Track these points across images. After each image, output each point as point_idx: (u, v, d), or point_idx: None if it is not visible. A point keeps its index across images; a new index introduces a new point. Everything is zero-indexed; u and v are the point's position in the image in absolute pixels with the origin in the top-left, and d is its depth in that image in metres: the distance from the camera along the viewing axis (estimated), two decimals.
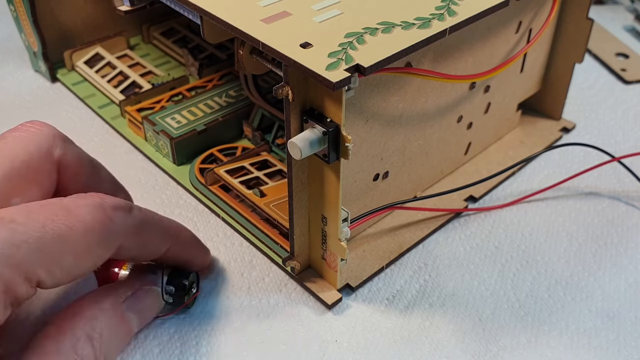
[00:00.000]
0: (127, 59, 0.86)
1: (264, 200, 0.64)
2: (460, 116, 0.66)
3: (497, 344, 0.55)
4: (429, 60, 0.57)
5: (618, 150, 0.75)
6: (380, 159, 0.59)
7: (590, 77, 0.89)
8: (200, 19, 0.57)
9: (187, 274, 0.55)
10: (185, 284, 0.54)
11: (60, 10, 0.82)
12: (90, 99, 0.81)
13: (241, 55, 0.61)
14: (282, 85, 0.48)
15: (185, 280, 0.54)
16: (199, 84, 0.80)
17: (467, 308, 0.58)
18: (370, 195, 0.60)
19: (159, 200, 0.68)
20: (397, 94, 0.56)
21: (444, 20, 0.52)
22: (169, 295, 0.54)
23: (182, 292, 0.54)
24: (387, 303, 0.58)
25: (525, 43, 0.68)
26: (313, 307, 0.57)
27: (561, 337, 0.55)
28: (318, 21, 0.52)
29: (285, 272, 0.60)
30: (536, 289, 0.59)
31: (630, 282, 0.60)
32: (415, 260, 0.62)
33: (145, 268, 0.55)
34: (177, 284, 0.54)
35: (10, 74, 0.86)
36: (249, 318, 0.56)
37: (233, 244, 0.63)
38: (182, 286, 0.54)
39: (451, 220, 0.66)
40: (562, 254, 0.63)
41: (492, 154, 0.74)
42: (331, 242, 0.55)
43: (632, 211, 0.68)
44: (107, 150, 0.74)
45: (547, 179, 0.71)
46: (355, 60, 0.46)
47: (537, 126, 0.78)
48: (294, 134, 0.50)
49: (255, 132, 0.73)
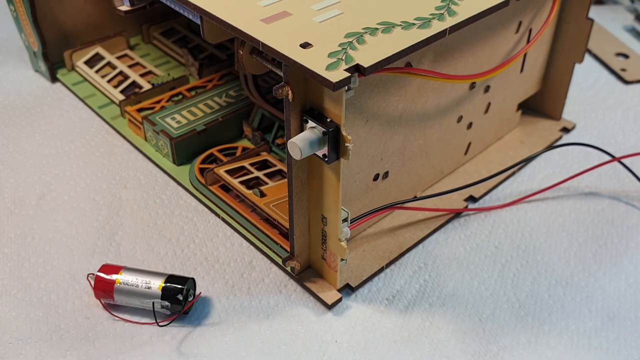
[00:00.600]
0: (127, 59, 0.86)
1: (264, 200, 0.64)
2: (460, 116, 0.66)
3: (497, 344, 0.55)
4: (429, 60, 0.57)
5: (618, 150, 0.75)
6: (380, 159, 0.59)
7: (590, 77, 0.89)
8: (200, 19, 0.57)
9: (183, 283, 0.55)
10: (179, 298, 0.54)
11: (60, 10, 0.82)
12: (90, 99, 0.81)
13: (241, 55, 0.61)
14: (282, 85, 0.48)
15: (180, 295, 0.54)
16: (199, 84, 0.80)
17: (467, 308, 0.58)
18: (370, 195, 0.60)
19: (159, 200, 0.68)
20: (397, 94, 0.56)
21: (444, 20, 0.52)
22: (166, 308, 0.54)
23: (178, 304, 0.54)
24: (387, 303, 0.58)
25: (525, 43, 0.68)
26: (313, 308, 0.57)
27: (561, 337, 0.55)
28: (318, 21, 0.52)
29: (285, 272, 0.60)
30: (536, 289, 0.59)
31: (630, 282, 0.60)
32: (415, 260, 0.62)
33: (139, 274, 0.55)
34: (172, 298, 0.54)
35: (10, 74, 0.86)
36: (249, 318, 0.56)
37: (233, 244, 0.63)
38: (177, 300, 0.54)
39: (451, 220, 0.66)
40: (562, 254, 0.63)
41: (492, 154, 0.74)
42: (331, 242, 0.55)
43: (632, 211, 0.68)
44: (107, 150, 0.74)
45: (547, 179, 0.71)
46: (355, 60, 0.46)
47: (537, 126, 0.78)
48: (294, 134, 0.50)
49: (255, 132, 0.73)
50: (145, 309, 0.55)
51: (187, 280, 0.55)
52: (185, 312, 0.56)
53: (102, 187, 0.69)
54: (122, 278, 0.55)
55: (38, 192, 0.68)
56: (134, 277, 0.55)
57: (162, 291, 0.54)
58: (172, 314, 0.55)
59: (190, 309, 0.56)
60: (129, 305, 0.56)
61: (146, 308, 0.55)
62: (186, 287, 0.55)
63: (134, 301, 0.55)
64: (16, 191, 0.69)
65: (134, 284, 0.55)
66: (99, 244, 0.63)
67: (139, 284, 0.54)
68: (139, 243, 0.63)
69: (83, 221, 0.65)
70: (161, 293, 0.54)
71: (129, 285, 0.55)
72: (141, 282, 0.55)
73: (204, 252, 0.62)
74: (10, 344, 0.54)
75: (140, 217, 0.66)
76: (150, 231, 0.64)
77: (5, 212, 0.66)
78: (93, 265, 0.60)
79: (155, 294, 0.54)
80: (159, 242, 0.63)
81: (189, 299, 0.56)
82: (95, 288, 0.56)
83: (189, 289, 0.56)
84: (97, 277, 0.55)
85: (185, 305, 0.55)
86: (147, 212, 0.66)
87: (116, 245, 0.63)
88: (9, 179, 0.70)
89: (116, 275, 0.55)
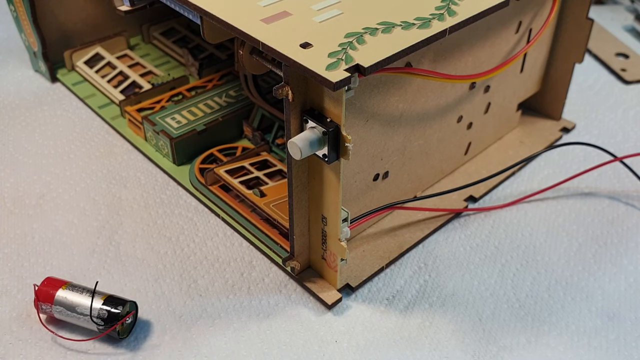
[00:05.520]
0: (127, 59, 0.86)
1: (264, 200, 0.64)
2: (460, 116, 0.66)
3: (497, 344, 0.55)
4: (429, 60, 0.57)
5: (618, 150, 0.75)
6: (380, 159, 0.59)
7: (590, 77, 0.89)
8: (200, 19, 0.57)
9: (123, 303, 0.54)
10: (117, 312, 0.53)
11: (60, 10, 0.82)
12: (90, 99, 0.81)
13: (241, 55, 0.61)
14: (282, 85, 0.48)
15: (118, 309, 0.53)
16: (199, 84, 0.80)
17: (467, 308, 0.58)
18: (370, 195, 0.60)
19: (159, 200, 0.68)
20: (397, 94, 0.56)
21: (444, 20, 0.52)
22: (100, 322, 0.53)
23: (113, 320, 0.53)
24: (387, 303, 0.58)
25: (525, 43, 0.68)
26: (313, 308, 0.57)
27: (561, 337, 0.55)
28: (318, 21, 0.52)
29: (285, 272, 0.60)
30: (536, 289, 0.59)
31: (630, 282, 0.60)
32: (415, 260, 0.62)
33: (81, 290, 0.54)
34: (110, 314, 0.53)
35: (10, 74, 0.86)
36: (249, 318, 0.56)
37: (233, 244, 0.63)
38: (115, 315, 0.53)
39: (451, 220, 0.66)
40: (562, 254, 0.63)
41: (492, 154, 0.74)
42: (331, 242, 0.55)
43: (632, 211, 0.68)
44: (107, 150, 0.74)
45: (547, 179, 0.71)
46: (355, 60, 0.46)
47: (537, 126, 0.78)
48: (294, 134, 0.50)
49: (255, 132, 0.73)
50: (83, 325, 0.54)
51: (128, 302, 0.54)
52: (120, 335, 0.54)
53: (102, 186, 0.69)
54: (67, 288, 0.54)
55: (38, 192, 0.68)
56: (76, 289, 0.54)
57: (104, 302, 0.53)
58: (105, 328, 0.53)
59: (128, 333, 0.55)
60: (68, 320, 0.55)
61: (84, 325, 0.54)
62: (123, 310, 0.53)
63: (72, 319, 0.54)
64: (16, 191, 0.69)
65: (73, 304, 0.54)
66: (98, 243, 0.63)
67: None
68: (139, 242, 0.63)
69: (83, 221, 0.65)
70: (101, 304, 0.53)
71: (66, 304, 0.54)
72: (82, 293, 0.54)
73: (204, 252, 0.62)
74: (10, 344, 0.54)
75: (140, 217, 0.66)
76: (150, 230, 0.64)
77: (5, 212, 0.66)
78: (93, 265, 0.60)
79: None
80: (159, 241, 0.63)
81: (126, 320, 0.54)
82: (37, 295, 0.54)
83: (129, 310, 0.54)
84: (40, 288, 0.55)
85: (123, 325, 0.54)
86: (147, 211, 0.66)
87: (116, 244, 0.63)
88: (9, 179, 0.70)
89: (56, 290, 0.54)
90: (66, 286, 0.54)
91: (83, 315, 0.53)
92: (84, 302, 0.53)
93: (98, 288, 0.55)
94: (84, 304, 0.53)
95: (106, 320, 0.53)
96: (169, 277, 0.60)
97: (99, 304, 0.53)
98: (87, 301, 0.53)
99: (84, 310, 0.53)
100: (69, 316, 0.54)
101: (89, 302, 0.53)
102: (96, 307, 0.53)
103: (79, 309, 0.53)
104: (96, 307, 0.53)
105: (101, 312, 0.53)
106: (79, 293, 0.54)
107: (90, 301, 0.53)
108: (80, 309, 0.53)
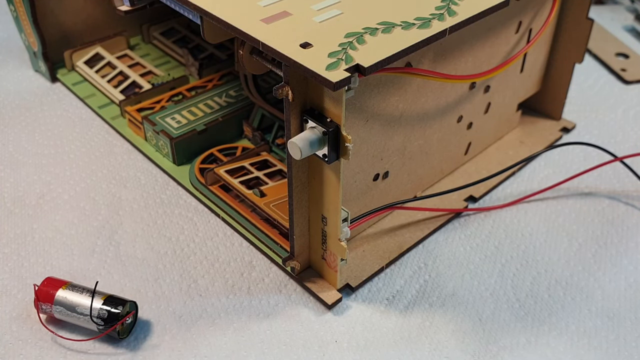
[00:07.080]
0: (127, 59, 0.86)
1: (264, 200, 0.64)
2: (460, 116, 0.66)
3: (497, 344, 0.55)
4: (429, 60, 0.57)
5: (618, 150, 0.75)
6: (380, 159, 0.59)
7: (590, 77, 0.89)
8: (200, 19, 0.57)
9: (123, 303, 0.53)
10: (117, 312, 0.53)
11: (60, 10, 0.82)
12: (90, 99, 0.81)
13: (241, 55, 0.61)
14: (282, 85, 0.48)
15: (118, 309, 0.53)
16: (199, 84, 0.80)
17: (467, 308, 0.58)
18: (370, 195, 0.60)
19: (159, 200, 0.68)
20: (397, 94, 0.56)
21: (444, 20, 0.52)
22: (100, 322, 0.53)
23: (113, 320, 0.53)
24: (387, 303, 0.58)
25: (525, 43, 0.68)
26: (313, 308, 0.57)
27: (561, 337, 0.55)
28: (318, 21, 0.52)
29: (285, 272, 0.60)
30: (536, 289, 0.59)
31: (630, 282, 0.60)
32: (415, 260, 0.62)
33: (81, 290, 0.54)
34: (110, 314, 0.53)
35: (10, 74, 0.86)
36: (249, 318, 0.56)
37: (233, 244, 0.63)
38: (115, 315, 0.53)
39: (451, 220, 0.66)
40: (562, 254, 0.63)
41: (492, 154, 0.74)
42: (331, 242, 0.55)
43: (632, 211, 0.68)
44: (107, 150, 0.74)
45: (547, 179, 0.71)
46: (355, 60, 0.46)
47: (537, 126, 0.78)
48: (294, 134, 0.50)
49: (255, 132, 0.73)
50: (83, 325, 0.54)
51: (128, 302, 0.54)
52: (120, 335, 0.54)
53: (102, 186, 0.69)
54: (67, 288, 0.54)
55: (38, 192, 0.68)
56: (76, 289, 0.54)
57: (103, 303, 0.53)
58: (105, 328, 0.53)
59: (128, 333, 0.55)
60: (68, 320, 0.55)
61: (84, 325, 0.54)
62: (123, 310, 0.53)
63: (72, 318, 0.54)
64: (16, 191, 0.69)
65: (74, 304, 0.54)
66: (98, 243, 0.63)
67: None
68: (139, 242, 0.63)
69: (83, 221, 0.65)
70: (101, 304, 0.53)
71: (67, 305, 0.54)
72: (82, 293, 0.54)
73: (204, 252, 0.62)
74: (11, 344, 0.54)
75: (140, 217, 0.66)
76: (150, 230, 0.64)
77: (5, 212, 0.66)
78: (93, 265, 0.60)
79: None
80: (159, 240, 0.63)
81: (126, 320, 0.54)
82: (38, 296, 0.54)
83: (129, 311, 0.54)
84: (40, 288, 0.54)
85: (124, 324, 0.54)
86: (147, 211, 0.66)
87: (116, 244, 0.63)
88: (9, 179, 0.70)
89: (56, 290, 0.54)
90: (66, 286, 0.54)
91: (83, 315, 0.53)
92: (84, 302, 0.53)
93: (98, 288, 0.55)
94: (84, 304, 0.53)
95: (106, 320, 0.53)
96: (169, 277, 0.60)
97: (99, 304, 0.53)
98: (87, 301, 0.53)
99: (84, 310, 0.53)
100: (69, 316, 0.54)
101: (89, 302, 0.53)
102: (96, 307, 0.53)
103: (79, 309, 0.53)
104: (96, 307, 0.53)
105: (101, 312, 0.53)
106: (79, 293, 0.54)
107: (90, 301, 0.53)
108: (80, 309, 0.53)
